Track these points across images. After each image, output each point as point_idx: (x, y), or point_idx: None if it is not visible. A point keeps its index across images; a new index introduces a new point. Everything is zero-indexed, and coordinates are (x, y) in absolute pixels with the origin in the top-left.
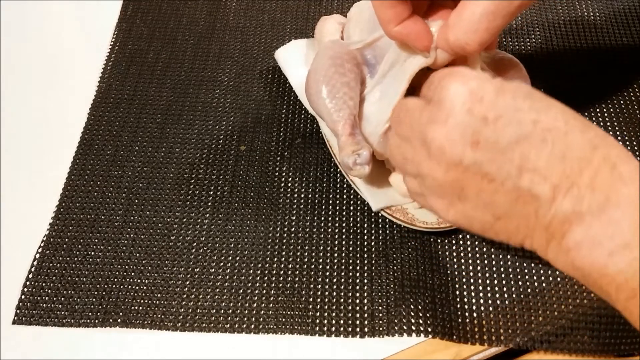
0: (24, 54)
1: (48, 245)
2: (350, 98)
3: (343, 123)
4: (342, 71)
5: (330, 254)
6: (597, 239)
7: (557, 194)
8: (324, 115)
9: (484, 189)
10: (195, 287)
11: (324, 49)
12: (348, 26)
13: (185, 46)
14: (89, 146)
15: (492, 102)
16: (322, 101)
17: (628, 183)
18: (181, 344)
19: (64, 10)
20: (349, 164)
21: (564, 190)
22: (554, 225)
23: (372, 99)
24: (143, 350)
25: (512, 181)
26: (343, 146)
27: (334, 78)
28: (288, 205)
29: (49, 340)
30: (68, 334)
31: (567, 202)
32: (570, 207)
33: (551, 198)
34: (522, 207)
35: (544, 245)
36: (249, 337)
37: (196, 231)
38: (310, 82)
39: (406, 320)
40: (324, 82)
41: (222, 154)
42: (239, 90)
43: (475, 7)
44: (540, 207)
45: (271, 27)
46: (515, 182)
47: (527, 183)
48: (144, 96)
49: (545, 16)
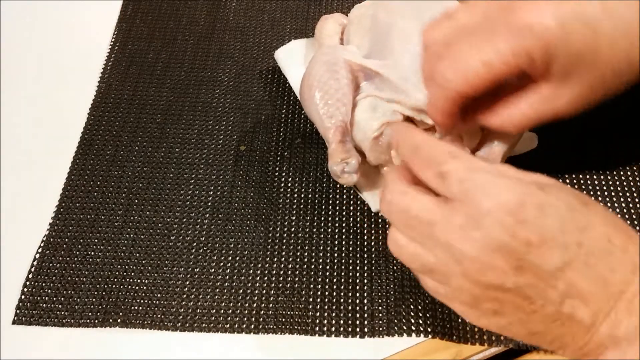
0: (24, 54)
1: (48, 245)
2: (343, 105)
3: (334, 130)
4: (336, 77)
5: (330, 254)
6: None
7: (596, 320)
8: (315, 121)
9: (523, 308)
10: (195, 287)
11: (319, 54)
12: (349, 29)
13: (185, 46)
14: (89, 146)
15: (535, 224)
16: (315, 107)
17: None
18: (181, 344)
19: (64, 10)
20: (337, 171)
21: (603, 315)
22: (589, 347)
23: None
24: (143, 350)
25: (554, 307)
26: (332, 153)
27: (328, 84)
28: (288, 205)
29: (49, 340)
30: (68, 334)
31: (605, 327)
32: (607, 331)
33: (591, 324)
34: (560, 329)
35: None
36: (249, 337)
37: (196, 231)
38: (303, 87)
39: (406, 320)
40: (317, 88)
41: (222, 154)
42: (239, 90)
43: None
44: (578, 330)
45: (271, 27)
46: (557, 308)
47: (569, 309)
48: (144, 96)
49: None
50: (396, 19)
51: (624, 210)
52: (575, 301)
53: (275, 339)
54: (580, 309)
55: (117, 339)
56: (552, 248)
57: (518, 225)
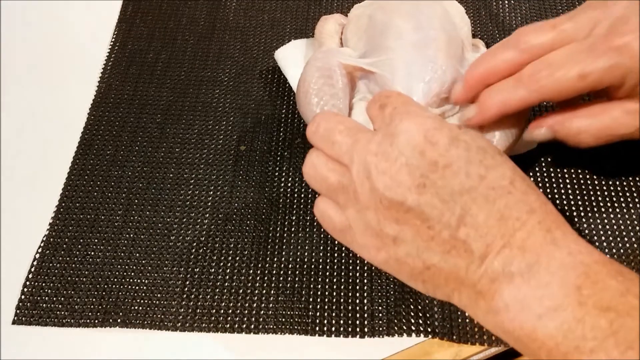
0: (24, 54)
1: (48, 245)
2: (339, 110)
3: None
4: (331, 82)
5: (330, 254)
6: (526, 301)
7: (489, 252)
8: None
9: (421, 234)
10: (195, 287)
11: (312, 59)
12: (347, 28)
13: (185, 46)
14: (89, 146)
15: (444, 148)
16: (311, 113)
17: (560, 246)
18: (181, 344)
19: (64, 10)
20: None
21: (497, 250)
22: (482, 283)
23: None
24: (143, 350)
25: (449, 231)
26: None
27: (322, 90)
28: (288, 205)
29: (49, 340)
30: (68, 334)
31: (497, 261)
32: (501, 267)
33: (483, 255)
34: (454, 260)
35: (472, 303)
36: (249, 337)
37: (196, 231)
38: (299, 94)
39: (406, 320)
40: (312, 94)
41: (222, 154)
42: (239, 90)
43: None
44: (471, 263)
45: (271, 27)
46: (453, 233)
47: (463, 236)
48: (144, 96)
49: (545, 16)
50: (393, 18)
51: (624, 210)
52: (470, 230)
53: (275, 339)
54: (475, 240)
55: (117, 339)
56: (455, 173)
57: (428, 145)
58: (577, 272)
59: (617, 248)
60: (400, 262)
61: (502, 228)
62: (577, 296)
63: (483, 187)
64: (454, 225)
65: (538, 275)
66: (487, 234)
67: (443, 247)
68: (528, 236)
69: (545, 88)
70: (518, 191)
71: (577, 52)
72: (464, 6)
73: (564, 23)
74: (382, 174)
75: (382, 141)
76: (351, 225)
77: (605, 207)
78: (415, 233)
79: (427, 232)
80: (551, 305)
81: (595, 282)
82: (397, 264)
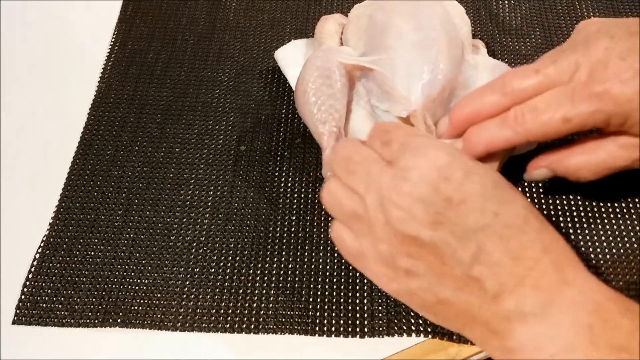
0: (24, 54)
1: (48, 245)
2: (336, 110)
3: (327, 137)
4: (329, 82)
5: (330, 254)
6: (539, 340)
7: (503, 291)
8: (310, 126)
9: (434, 268)
10: (195, 287)
11: (312, 58)
12: (347, 28)
13: (185, 46)
14: (89, 146)
15: (459, 183)
16: (309, 112)
17: (571, 285)
18: (181, 344)
19: (64, 10)
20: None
21: (510, 289)
22: (495, 322)
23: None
24: (143, 350)
25: (463, 268)
26: (326, 160)
27: (321, 90)
28: (288, 205)
29: (49, 340)
30: (68, 334)
31: (511, 301)
32: (514, 306)
33: (497, 294)
34: (467, 297)
35: (484, 339)
36: (249, 337)
37: (196, 231)
38: (297, 92)
39: (406, 320)
40: (310, 93)
41: (222, 154)
42: (239, 90)
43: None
44: (484, 301)
45: (271, 27)
46: (466, 271)
47: (477, 274)
48: (144, 96)
49: (545, 16)
50: (393, 18)
51: (624, 211)
52: (484, 268)
53: (275, 339)
54: (488, 277)
55: (117, 339)
56: (470, 210)
57: (442, 181)
58: (588, 310)
59: (617, 248)
60: (412, 294)
61: (516, 267)
62: (589, 335)
63: (498, 225)
64: (468, 263)
65: (550, 315)
66: (501, 272)
67: (456, 283)
68: (541, 275)
69: (530, 130)
70: (532, 230)
71: (560, 97)
72: (464, 6)
73: (547, 67)
74: (396, 208)
75: (396, 174)
76: (365, 253)
77: (606, 208)
78: (428, 267)
79: (440, 268)
80: (563, 345)
81: (606, 320)
82: (408, 295)
